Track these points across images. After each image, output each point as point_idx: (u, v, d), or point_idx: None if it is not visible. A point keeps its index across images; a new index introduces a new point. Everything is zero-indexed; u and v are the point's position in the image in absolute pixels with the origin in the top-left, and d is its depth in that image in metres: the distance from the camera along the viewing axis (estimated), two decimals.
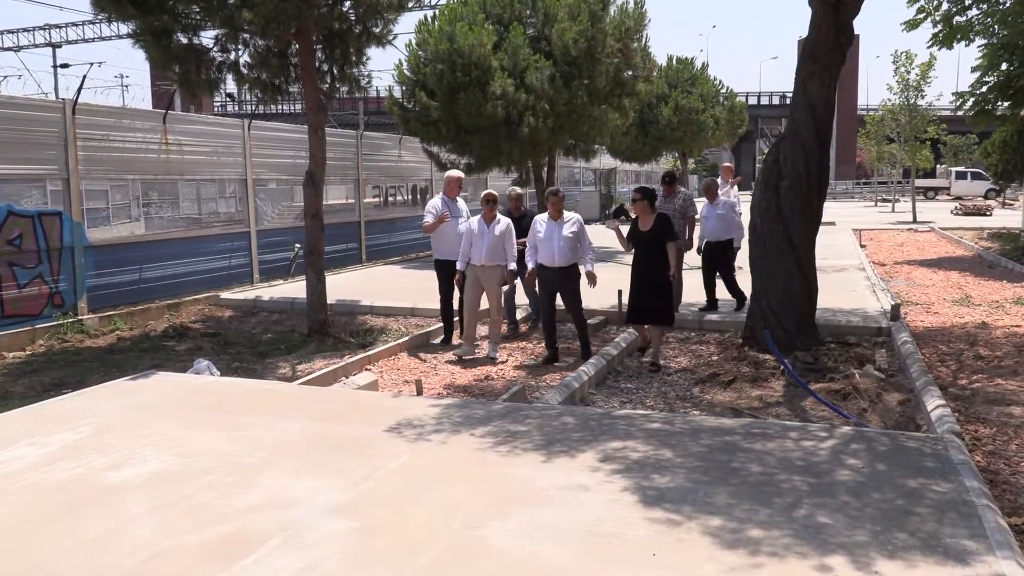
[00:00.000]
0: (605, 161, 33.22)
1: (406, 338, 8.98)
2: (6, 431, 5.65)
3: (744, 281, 9.55)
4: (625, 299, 8.77)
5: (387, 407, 6.06)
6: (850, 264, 15.02)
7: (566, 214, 7.90)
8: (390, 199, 18.71)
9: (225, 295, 12.44)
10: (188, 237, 13.10)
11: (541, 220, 7.94)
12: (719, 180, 12.93)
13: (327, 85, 10.33)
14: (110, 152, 11.18)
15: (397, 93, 17.14)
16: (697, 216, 10.23)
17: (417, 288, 12.37)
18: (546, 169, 18.54)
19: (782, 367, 7.28)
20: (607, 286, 9.97)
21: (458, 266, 8.37)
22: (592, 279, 7.75)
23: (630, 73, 16.91)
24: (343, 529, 3.95)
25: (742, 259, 9.33)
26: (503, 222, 8.31)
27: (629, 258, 8.46)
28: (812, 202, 8.03)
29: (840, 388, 6.76)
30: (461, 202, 9.15)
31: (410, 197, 19.45)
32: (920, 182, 47.90)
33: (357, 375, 7.50)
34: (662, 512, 4.04)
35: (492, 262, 8.23)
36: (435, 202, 9.09)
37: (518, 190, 9.35)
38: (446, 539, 3.81)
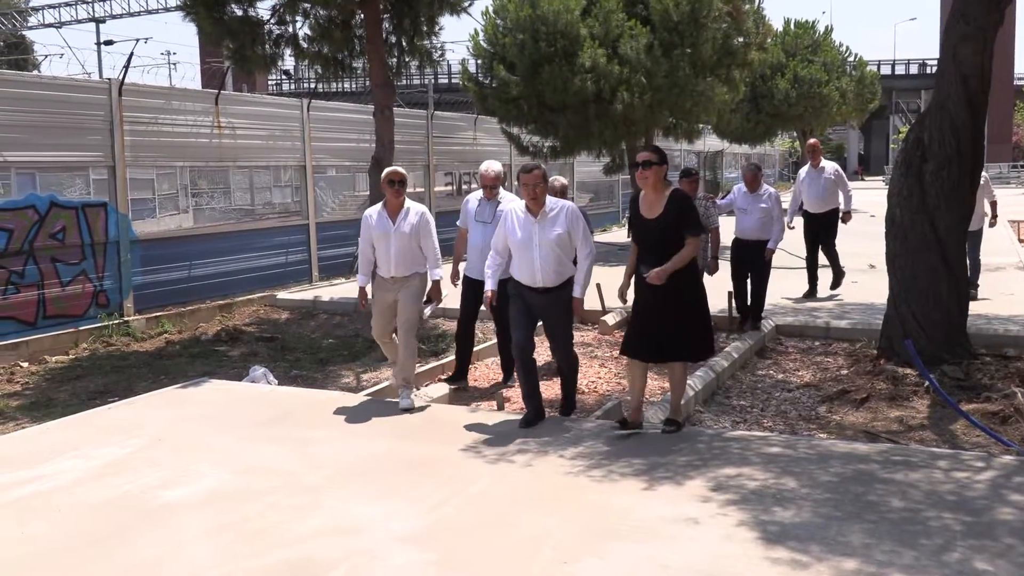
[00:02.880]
0: (711, 143, 32.87)
1: (484, 345, 9.03)
2: (51, 442, 5.93)
3: (876, 281, 9.30)
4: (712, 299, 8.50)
5: (464, 423, 6.12)
6: (1007, 263, 14.45)
7: (551, 203, 6.03)
8: (464, 187, 18.89)
9: (281, 295, 12.78)
10: (241, 231, 13.52)
11: (515, 214, 6.11)
12: (806, 167, 11.41)
13: (395, 59, 10.52)
14: (158, 137, 11.62)
15: (472, 67, 17.29)
16: (716, 215, 9.06)
17: None
18: None
19: (926, 383, 7.06)
20: (711, 285, 9.80)
21: (359, 281, 6.95)
22: (579, 310, 6.09)
23: (741, 40, 16.66)
24: (417, 560, 4.00)
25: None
26: (414, 212, 6.63)
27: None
28: (963, 188, 7.76)
29: (998, 410, 6.52)
30: (507, 199, 7.49)
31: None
32: None
33: (429, 386, 7.59)
34: (786, 551, 3.97)
35: (407, 271, 6.61)
36: (467, 199, 7.79)
37: (562, 180, 7.78)
38: None
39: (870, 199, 28.77)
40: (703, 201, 8.91)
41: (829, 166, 11.24)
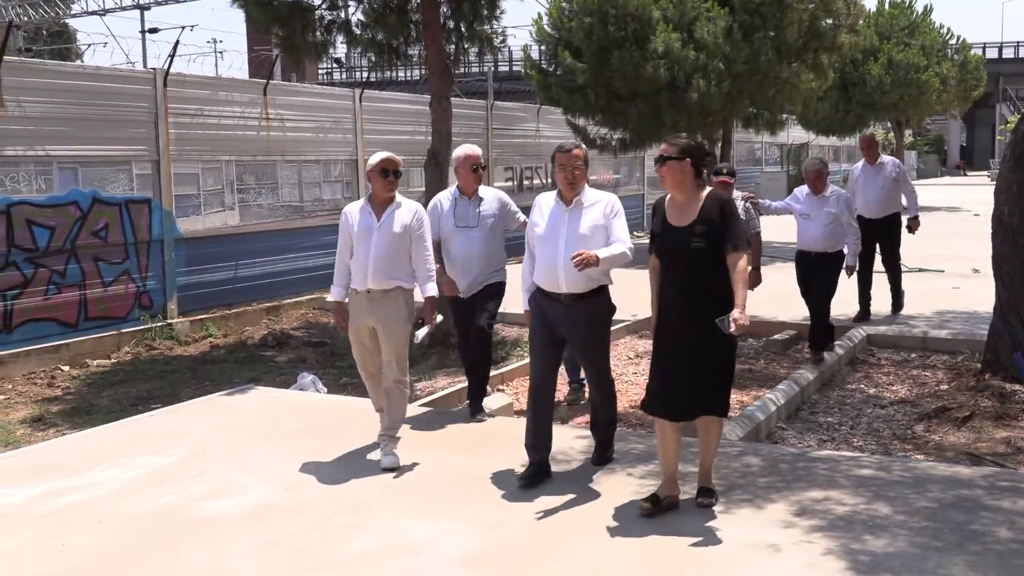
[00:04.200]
0: (795, 134, 32.45)
1: None
2: (92, 450, 6.10)
3: (980, 287, 9.07)
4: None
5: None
6: None
7: (589, 193, 5.37)
8: (525, 182, 18.94)
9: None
10: (289, 229, 13.70)
11: (544, 204, 5.47)
12: (860, 164, 10.46)
13: (453, 46, 10.57)
14: (204, 129, 11.86)
15: (535, 54, 17.33)
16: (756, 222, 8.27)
17: None
18: (720, 144, 18.24)
19: None
20: (784, 290, 9.69)
21: (332, 295, 6.02)
22: (586, 260, 5.01)
23: (829, 22, 16.41)
24: None
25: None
26: (407, 208, 5.77)
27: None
28: None
29: None
30: (490, 198, 6.89)
31: (549, 180, 19.59)
32: None
33: (488, 396, 7.61)
34: None
35: (387, 282, 5.68)
36: (436, 201, 6.93)
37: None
38: None
39: (973, 196, 28.19)
40: (742, 202, 8.08)
41: (889, 161, 10.36)
